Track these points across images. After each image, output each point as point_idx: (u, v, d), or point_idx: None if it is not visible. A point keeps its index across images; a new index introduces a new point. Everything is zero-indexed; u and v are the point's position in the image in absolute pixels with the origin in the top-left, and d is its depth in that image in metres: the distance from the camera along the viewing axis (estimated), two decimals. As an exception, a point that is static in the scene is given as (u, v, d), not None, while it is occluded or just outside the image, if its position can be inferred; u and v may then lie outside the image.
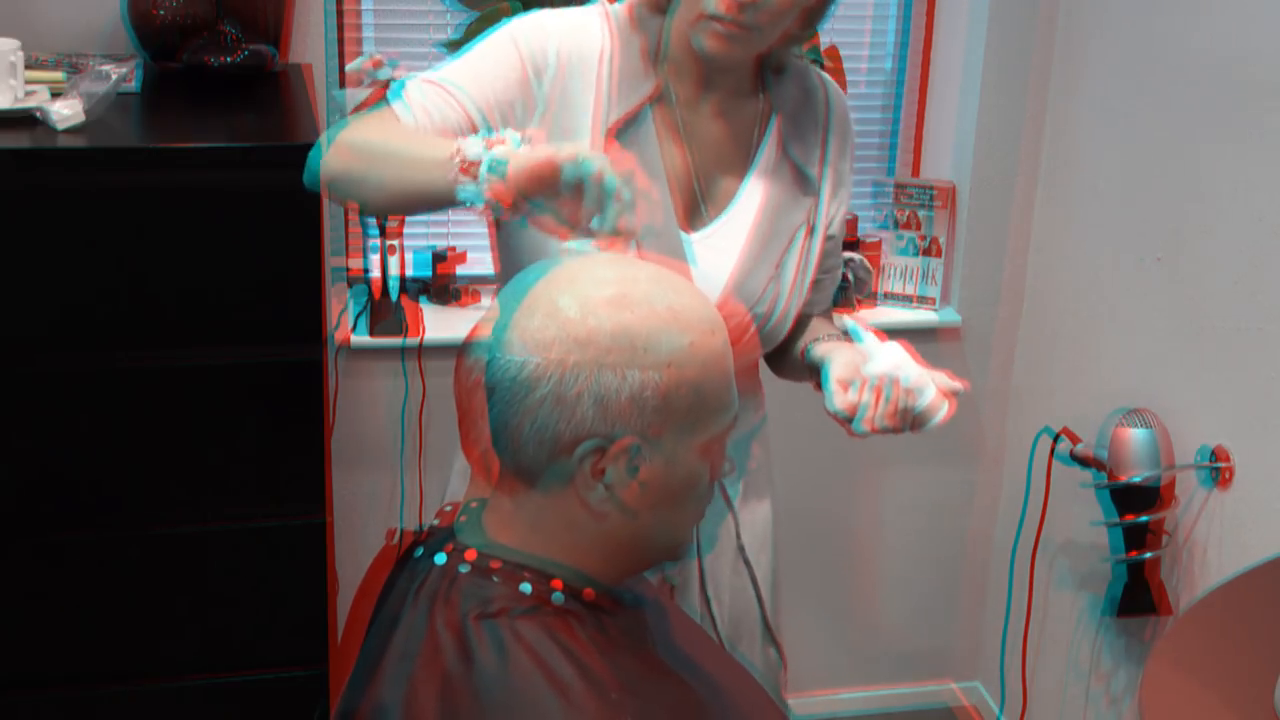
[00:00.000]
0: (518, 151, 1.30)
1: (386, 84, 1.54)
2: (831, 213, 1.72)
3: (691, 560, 1.76)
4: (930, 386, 1.54)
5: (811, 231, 1.70)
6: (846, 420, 1.55)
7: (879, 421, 1.52)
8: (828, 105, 1.72)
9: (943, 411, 1.54)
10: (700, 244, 1.64)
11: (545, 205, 1.29)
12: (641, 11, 1.63)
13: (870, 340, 1.59)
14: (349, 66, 2.33)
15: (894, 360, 1.55)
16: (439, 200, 1.36)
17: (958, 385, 1.56)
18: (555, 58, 1.58)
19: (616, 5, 1.65)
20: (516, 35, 1.59)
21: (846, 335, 1.66)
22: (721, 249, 1.65)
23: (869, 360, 1.57)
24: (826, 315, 1.81)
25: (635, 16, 1.63)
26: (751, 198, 1.66)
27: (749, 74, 1.66)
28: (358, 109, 1.53)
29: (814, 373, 1.66)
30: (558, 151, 1.28)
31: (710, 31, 1.53)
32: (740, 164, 1.67)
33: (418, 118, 1.53)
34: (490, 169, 1.30)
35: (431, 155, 1.36)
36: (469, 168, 1.31)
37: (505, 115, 1.57)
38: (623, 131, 1.59)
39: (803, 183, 1.68)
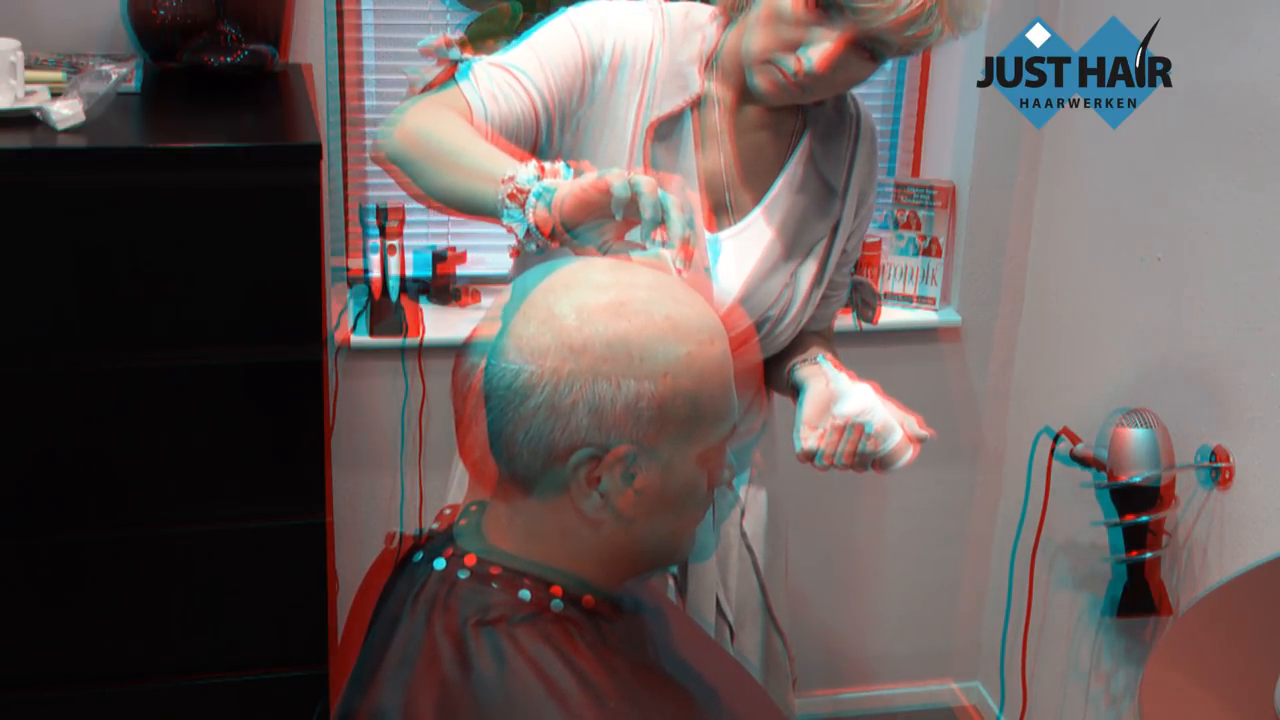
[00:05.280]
0: (565, 182, 1.31)
1: (455, 64, 1.56)
2: (851, 229, 1.76)
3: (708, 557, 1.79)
4: (896, 431, 1.59)
5: (831, 246, 1.74)
6: (809, 459, 1.62)
7: (838, 460, 1.60)
8: (857, 125, 1.75)
9: (906, 456, 1.61)
10: (722, 243, 1.67)
11: (586, 235, 1.30)
12: (718, 17, 1.66)
13: (843, 381, 1.65)
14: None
15: (863, 404, 1.60)
16: (484, 213, 1.37)
17: (925, 433, 1.62)
18: (610, 50, 1.60)
19: (670, 5, 1.67)
20: (577, 24, 1.61)
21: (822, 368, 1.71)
22: (741, 252, 1.68)
23: (839, 400, 1.62)
24: (826, 334, 1.85)
25: (710, 17, 1.65)
26: (775, 206, 1.69)
27: None
28: (428, 86, 1.56)
29: (794, 393, 1.72)
30: (608, 174, 1.28)
31: (768, 77, 1.57)
32: (769, 174, 1.70)
33: (485, 102, 1.55)
34: (538, 196, 1.31)
35: (487, 169, 1.37)
36: (518, 194, 1.32)
37: (564, 102, 1.59)
38: (662, 130, 1.62)
39: (827, 198, 1.71)
